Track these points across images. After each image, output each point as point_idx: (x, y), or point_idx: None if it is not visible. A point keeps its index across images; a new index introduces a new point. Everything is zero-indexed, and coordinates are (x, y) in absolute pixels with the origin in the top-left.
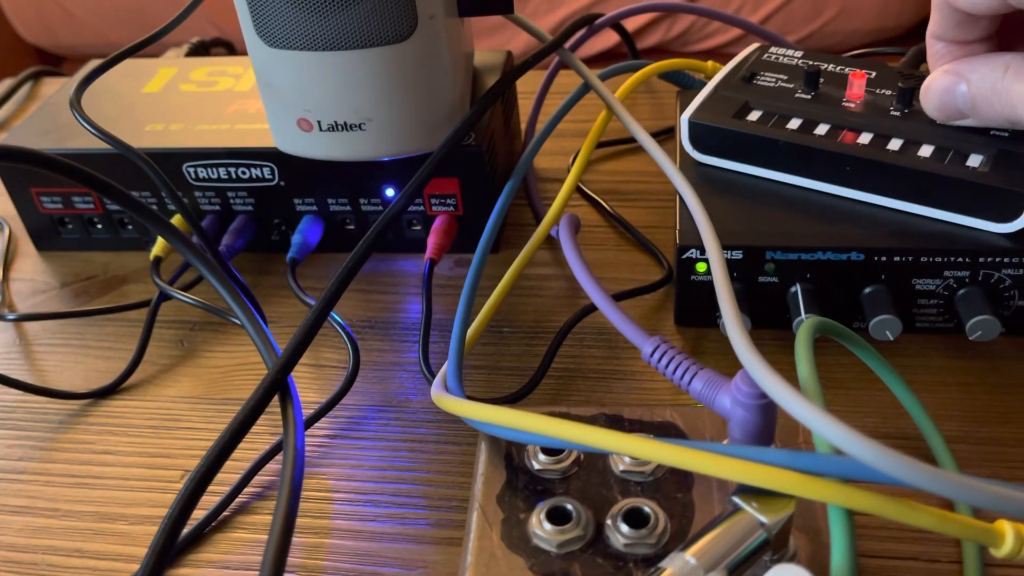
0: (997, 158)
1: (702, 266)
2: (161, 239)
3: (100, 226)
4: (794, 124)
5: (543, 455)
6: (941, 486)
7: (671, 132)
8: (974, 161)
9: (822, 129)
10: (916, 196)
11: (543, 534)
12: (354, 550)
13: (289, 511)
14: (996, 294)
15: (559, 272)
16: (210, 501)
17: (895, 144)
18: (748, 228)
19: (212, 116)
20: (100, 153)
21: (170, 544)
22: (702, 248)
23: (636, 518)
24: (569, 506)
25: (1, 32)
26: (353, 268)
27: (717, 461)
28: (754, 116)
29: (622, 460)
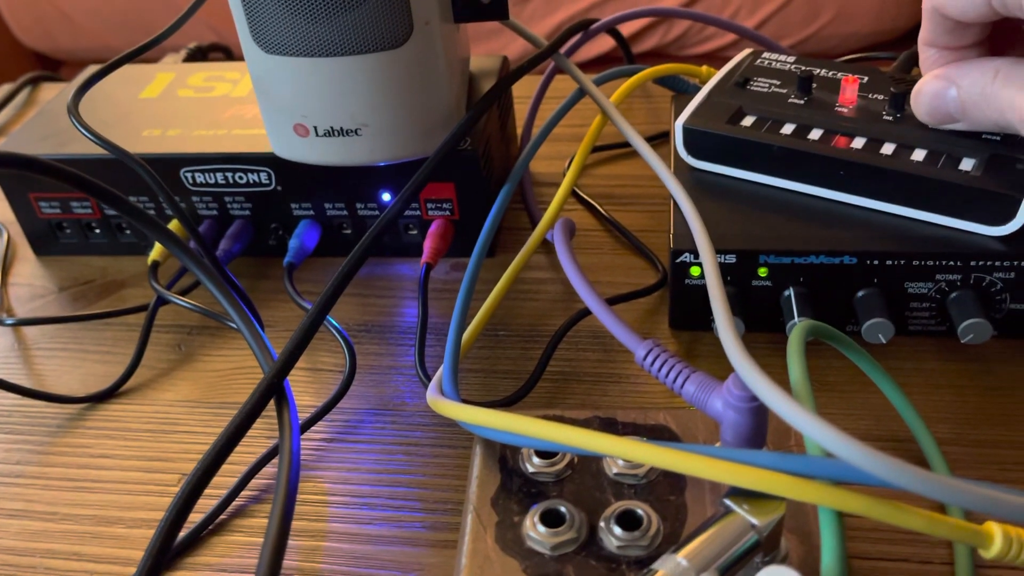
0: (989, 162)
1: (696, 270)
2: (159, 244)
3: (98, 231)
4: (787, 129)
5: (537, 458)
6: (929, 488)
7: (666, 136)
8: (966, 165)
9: (815, 134)
10: (909, 200)
11: (537, 536)
12: (350, 553)
13: (285, 514)
14: (988, 297)
15: (555, 276)
16: (207, 505)
17: (888, 148)
18: (742, 232)
19: (209, 121)
20: (98, 158)
21: (166, 547)
22: (696, 252)
23: (629, 520)
24: (563, 509)
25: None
26: (349, 272)
27: (709, 464)
28: (748, 121)
29: (615, 463)
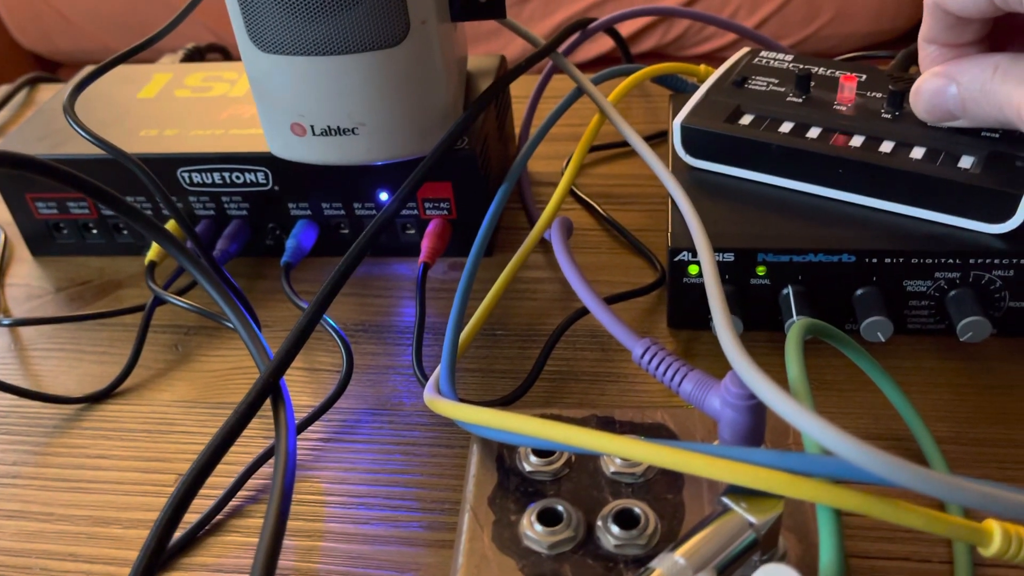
0: (988, 159)
1: (694, 269)
2: (156, 244)
3: (95, 231)
4: (786, 128)
5: (534, 457)
6: (928, 485)
7: (664, 135)
8: (965, 162)
9: (814, 132)
10: (908, 198)
11: (534, 535)
12: (347, 553)
13: (280, 514)
14: (987, 295)
15: (552, 275)
16: (204, 505)
17: (887, 146)
18: (740, 231)
19: (206, 121)
20: (95, 158)
21: (161, 547)
22: (694, 251)
23: (627, 519)
24: (560, 507)
25: None
26: (346, 272)
27: (706, 462)
28: (746, 120)
29: (613, 462)
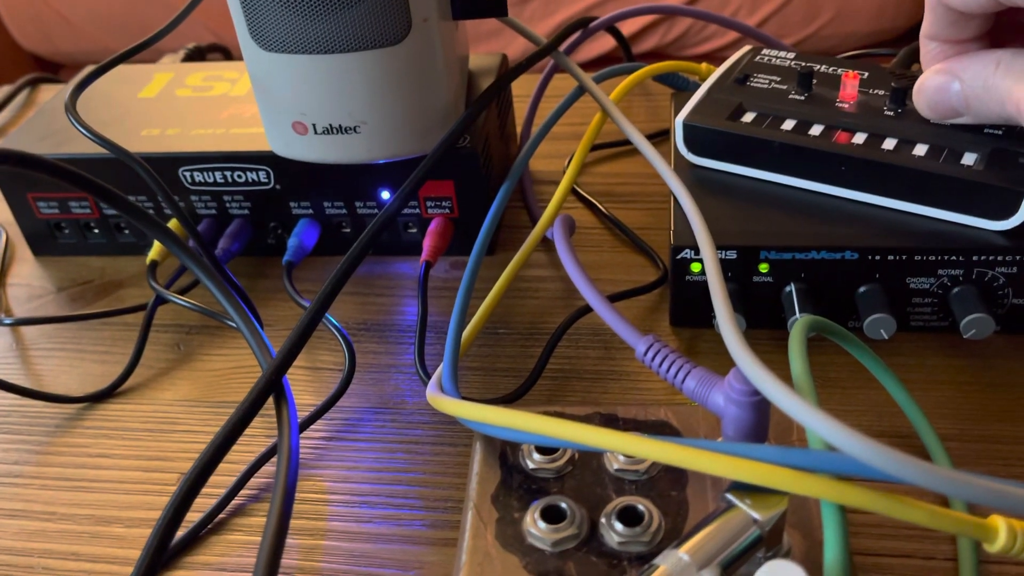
0: (991, 156)
1: (697, 266)
2: (157, 243)
3: (96, 231)
4: (788, 125)
5: (537, 454)
6: (933, 481)
7: (666, 134)
8: (968, 159)
9: (816, 130)
10: (911, 195)
11: (537, 533)
12: (350, 551)
13: (283, 513)
14: (990, 292)
15: (555, 273)
16: (206, 503)
17: (889, 144)
18: (742, 228)
19: (208, 120)
20: (96, 158)
21: (163, 546)
22: (696, 248)
23: (630, 516)
24: (563, 505)
25: None
26: (348, 270)
27: (710, 458)
28: (748, 118)
29: (616, 459)
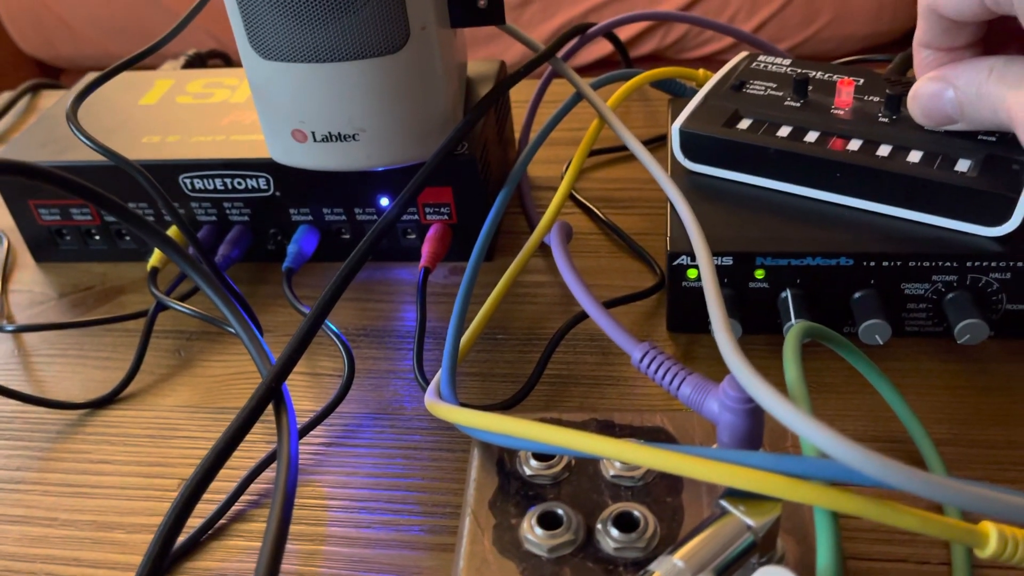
0: (985, 162)
1: (693, 272)
2: (158, 250)
3: (98, 237)
4: (784, 132)
5: (535, 460)
6: (922, 487)
7: (663, 140)
8: (962, 166)
9: (812, 136)
10: (905, 201)
11: (534, 539)
12: (349, 557)
13: (282, 518)
14: (984, 298)
15: (553, 279)
16: (207, 509)
17: (884, 150)
18: (738, 234)
19: (208, 128)
20: (97, 165)
21: (164, 552)
22: (693, 255)
23: (626, 522)
24: (560, 511)
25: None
26: (347, 277)
27: (704, 465)
28: (744, 124)
29: (612, 465)
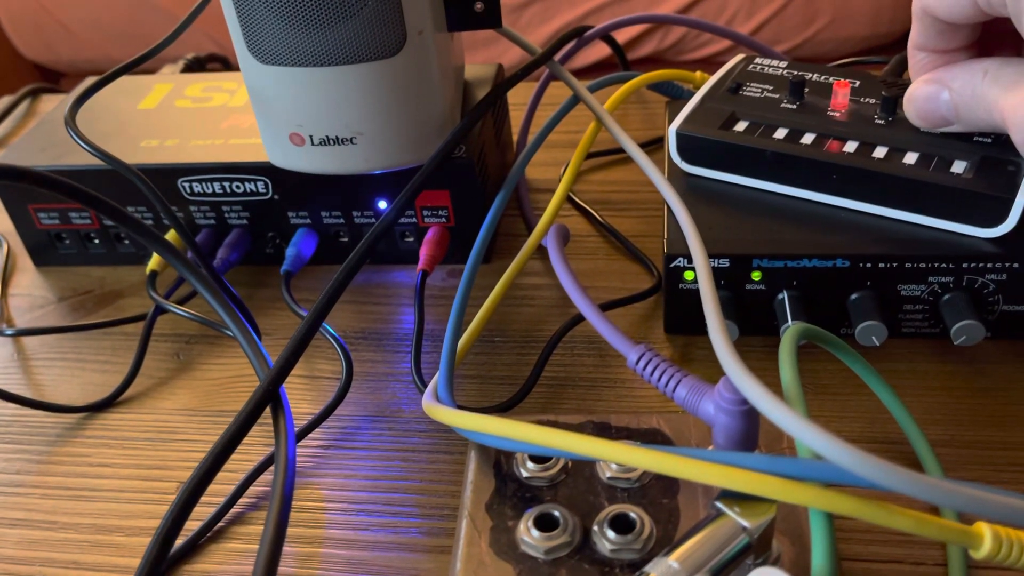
0: (981, 164)
1: (690, 274)
2: (156, 254)
3: (97, 241)
4: (780, 134)
5: (531, 463)
6: (916, 488)
7: (661, 142)
8: (958, 167)
9: (808, 138)
10: (901, 203)
11: (531, 541)
12: (347, 559)
13: (280, 521)
14: (980, 299)
15: (550, 282)
16: (205, 512)
17: (880, 152)
18: (735, 236)
19: (206, 131)
20: (96, 169)
21: (162, 555)
22: (690, 257)
23: (622, 524)
24: (556, 513)
25: (0, 49)
26: (345, 280)
27: (700, 467)
28: (741, 127)
29: (609, 467)
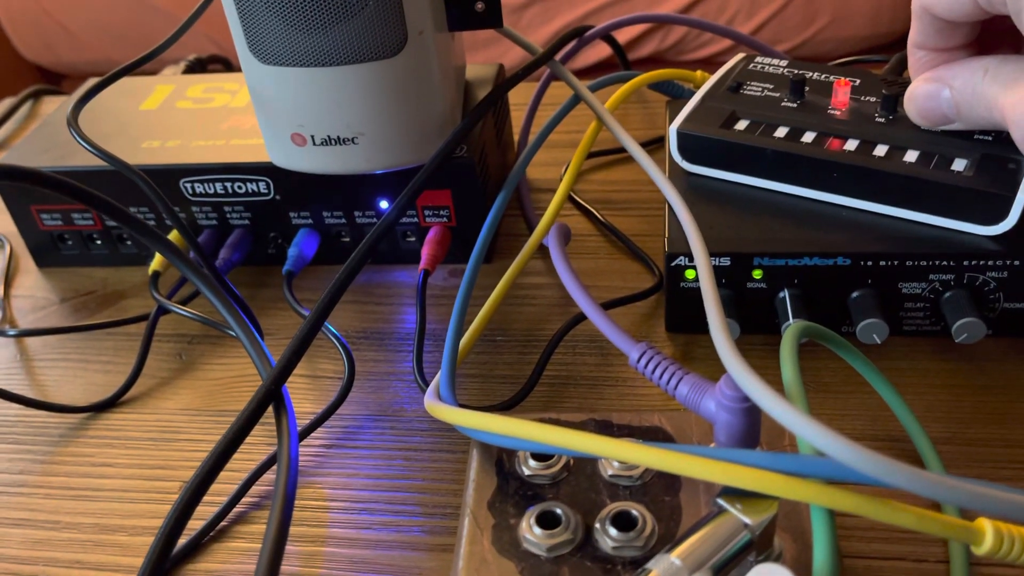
0: (981, 162)
1: (691, 273)
2: (159, 254)
3: (99, 242)
4: (781, 132)
5: (533, 461)
6: (918, 485)
7: (661, 141)
8: (959, 165)
9: (808, 137)
10: (902, 201)
11: (533, 538)
12: (350, 558)
13: (283, 520)
14: (981, 296)
15: (552, 281)
16: (207, 511)
17: (880, 150)
18: (736, 235)
19: (208, 132)
20: (98, 170)
21: (165, 554)
22: (691, 255)
23: (624, 521)
24: (558, 510)
25: (1, 51)
26: (347, 279)
27: (702, 464)
28: (741, 125)
29: (611, 464)
